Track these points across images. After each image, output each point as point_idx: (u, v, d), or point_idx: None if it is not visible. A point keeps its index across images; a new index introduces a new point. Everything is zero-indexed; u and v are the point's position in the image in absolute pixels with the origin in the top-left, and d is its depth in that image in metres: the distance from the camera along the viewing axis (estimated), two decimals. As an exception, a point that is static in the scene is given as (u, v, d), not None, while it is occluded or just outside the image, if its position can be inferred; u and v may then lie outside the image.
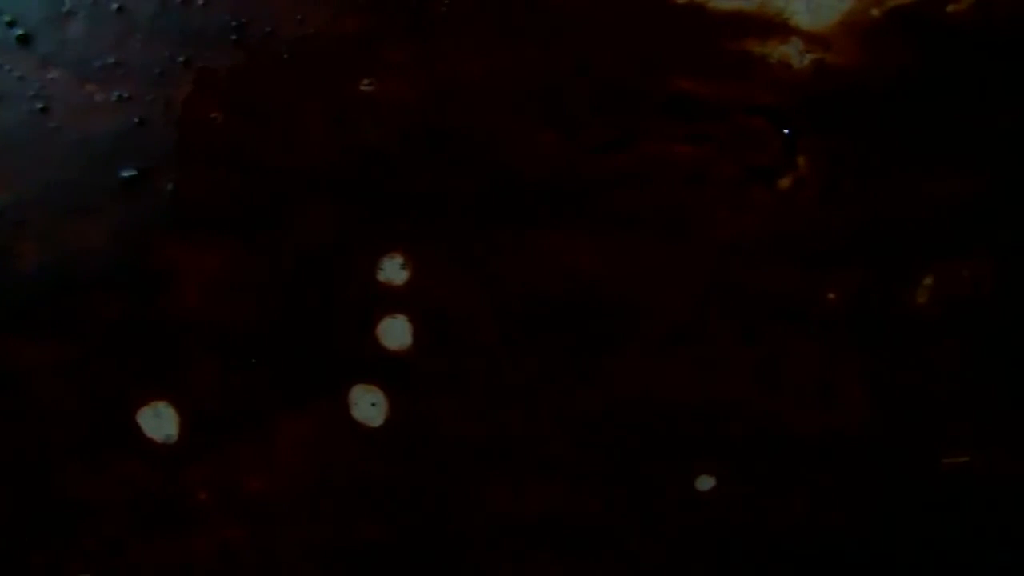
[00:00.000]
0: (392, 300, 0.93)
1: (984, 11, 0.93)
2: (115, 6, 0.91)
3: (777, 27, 0.92)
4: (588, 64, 0.91)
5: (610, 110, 0.92)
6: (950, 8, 0.93)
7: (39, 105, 0.91)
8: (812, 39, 0.92)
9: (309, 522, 0.96)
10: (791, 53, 0.92)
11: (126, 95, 0.91)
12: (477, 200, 0.92)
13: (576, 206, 0.92)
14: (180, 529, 0.95)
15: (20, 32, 0.90)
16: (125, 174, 0.90)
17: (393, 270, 0.92)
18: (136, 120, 0.90)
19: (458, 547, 0.96)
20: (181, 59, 0.91)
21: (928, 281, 0.95)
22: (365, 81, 0.91)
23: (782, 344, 0.95)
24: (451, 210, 0.92)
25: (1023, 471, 0.99)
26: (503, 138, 0.92)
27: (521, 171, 0.92)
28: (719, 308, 0.94)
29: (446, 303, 0.93)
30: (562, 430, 0.94)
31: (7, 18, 0.90)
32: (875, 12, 0.93)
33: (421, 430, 0.94)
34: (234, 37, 0.91)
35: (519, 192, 0.92)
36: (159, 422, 0.93)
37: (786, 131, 0.92)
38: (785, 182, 0.93)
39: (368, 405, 0.93)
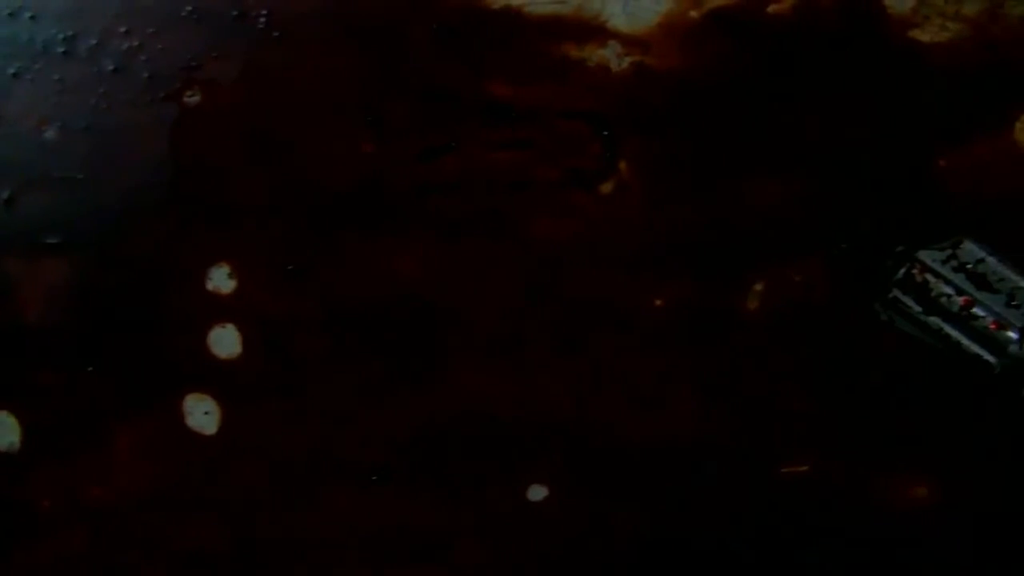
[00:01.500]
0: (221, 309, 0.92)
1: (806, 11, 0.90)
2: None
3: (595, 31, 0.89)
4: (407, 72, 0.89)
5: (429, 117, 0.90)
6: (771, 9, 0.90)
7: None
8: (630, 42, 0.89)
9: (149, 528, 0.95)
10: (609, 57, 0.89)
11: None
12: (301, 209, 0.91)
13: (398, 214, 0.90)
14: (25, 536, 0.95)
15: None
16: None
17: (221, 279, 0.91)
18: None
19: (293, 554, 0.94)
20: (11, 71, 0.91)
21: (759, 287, 0.92)
22: (188, 93, 0.90)
23: (610, 352, 0.92)
24: (276, 219, 0.91)
25: (862, 480, 0.95)
26: (325, 148, 0.90)
27: (343, 179, 0.90)
28: (543, 316, 0.91)
29: (274, 311, 0.92)
30: (392, 437, 0.93)
31: None
32: (694, 14, 0.90)
33: (253, 438, 0.93)
34: (62, 50, 0.91)
35: (342, 200, 0.90)
36: (1, 431, 0.93)
37: (606, 135, 0.90)
38: (607, 187, 0.90)
39: (202, 413, 0.92)
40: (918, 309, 0.86)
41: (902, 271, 0.85)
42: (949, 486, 0.93)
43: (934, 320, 0.86)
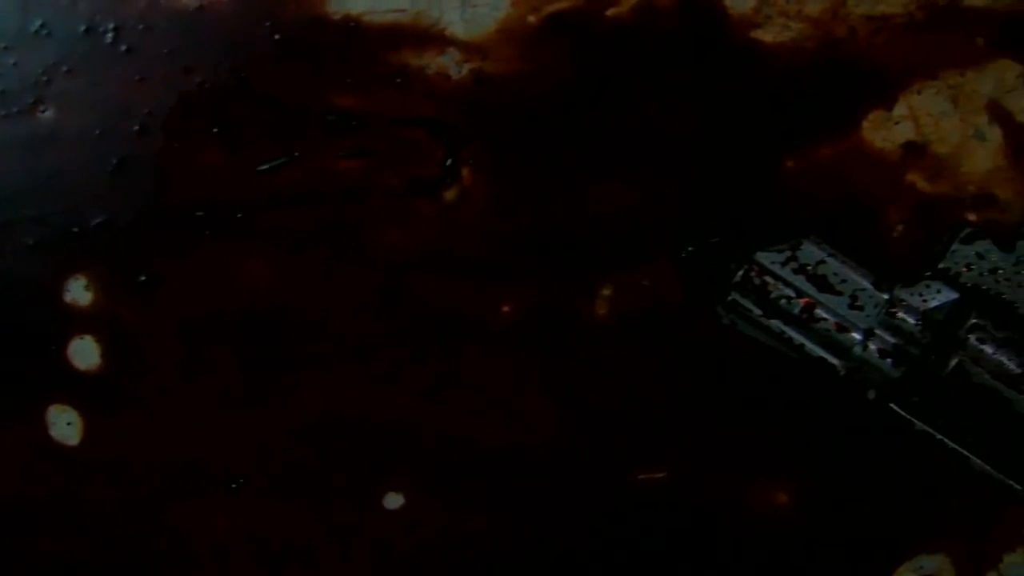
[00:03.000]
0: (79, 321, 0.91)
1: (645, 14, 0.87)
2: None
3: (433, 38, 0.88)
4: (251, 83, 0.88)
5: (274, 128, 0.89)
6: (610, 12, 0.87)
7: None
8: (469, 49, 0.88)
9: (16, 540, 0.94)
10: (448, 64, 0.88)
11: None
12: (155, 221, 0.90)
13: (247, 224, 0.89)
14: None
15: None
16: None
17: (78, 291, 0.90)
18: None
19: (157, 565, 0.93)
20: None
21: (607, 291, 0.89)
22: (41, 108, 0.89)
23: (460, 360, 0.90)
24: (130, 231, 0.90)
25: (721, 487, 0.92)
26: (174, 159, 0.89)
27: (193, 191, 0.89)
28: (393, 324, 0.90)
29: (129, 322, 0.91)
30: (248, 447, 0.91)
31: None
32: (532, 19, 0.88)
33: (115, 449, 0.92)
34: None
35: (193, 212, 0.89)
36: None
37: (448, 142, 0.88)
38: (450, 194, 0.88)
39: (64, 424, 0.91)
40: (758, 312, 0.83)
41: (740, 273, 0.82)
42: (808, 492, 0.90)
43: (775, 323, 0.83)
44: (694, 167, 0.88)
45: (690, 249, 0.87)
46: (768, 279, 0.83)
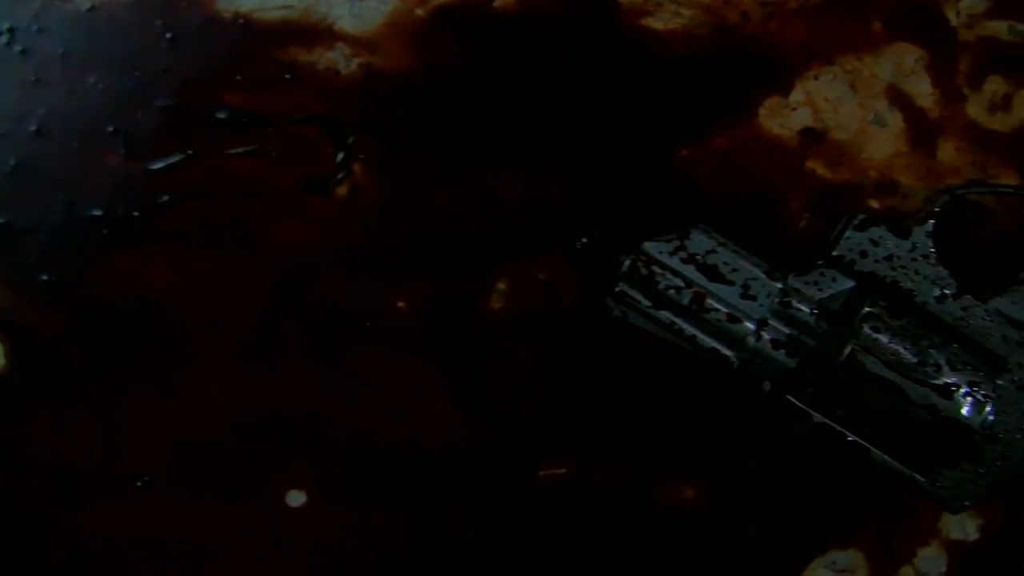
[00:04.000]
0: (-15, 323, 0.90)
1: (533, 5, 0.85)
2: None
3: (322, 34, 0.86)
4: (148, 85, 0.87)
5: (169, 127, 0.87)
6: (497, 3, 0.85)
7: None
8: (358, 43, 0.86)
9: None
10: (338, 59, 0.86)
11: None
12: (58, 224, 0.89)
13: (145, 225, 0.88)
14: None
15: None
16: None
17: (-17, 294, 0.89)
18: None
19: (63, 566, 0.92)
20: None
21: (502, 286, 0.87)
22: (-57, 112, 0.89)
23: (357, 356, 0.88)
24: (33, 234, 0.89)
25: (624, 481, 0.89)
26: (71, 160, 0.88)
27: (91, 191, 0.88)
28: (291, 322, 0.88)
29: (35, 323, 0.90)
30: (152, 445, 0.90)
31: None
32: (420, 12, 0.86)
33: (22, 449, 0.91)
34: None
35: (93, 214, 0.88)
36: None
37: (339, 138, 0.86)
38: (343, 190, 0.86)
39: (-25, 425, 0.90)
40: (647, 303, 0.80)
41: (627, 264, 0.79)
42: (716, 487, 0.87)
43: (665, 314, 0.80)
44: (587, 158, 0.85)
45: (584, 241, 0.84)
46: (656, 269, 0.80)
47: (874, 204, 0.85)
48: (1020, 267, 0.83)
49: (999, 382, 0.81)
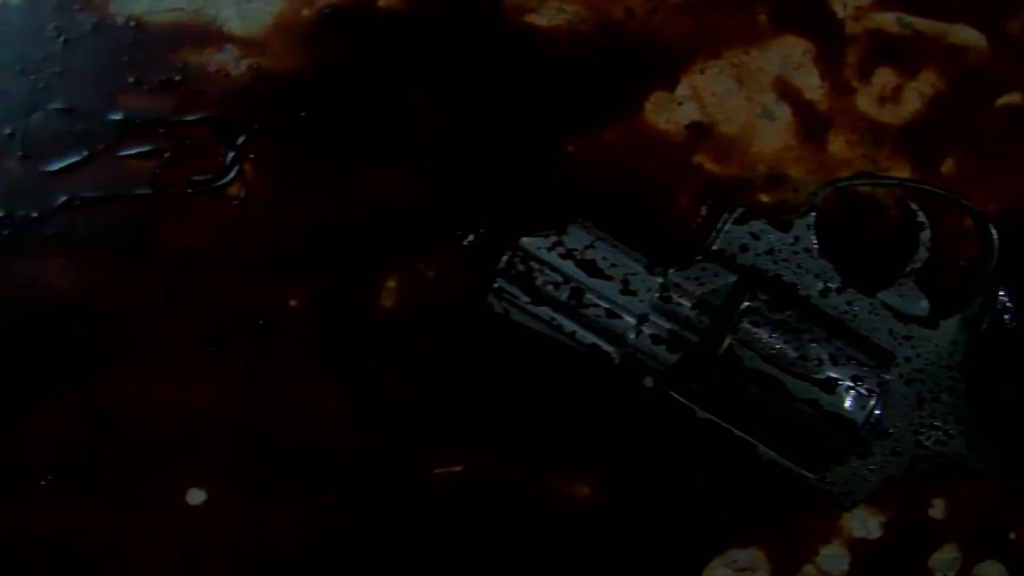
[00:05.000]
0: None
1: (418, 3, 0.85)
2: None
3: (212, 35, 0.86)
4: (43, 87, 0.87)
5: (65, 129, 0.88)
6: (382, 3, 0.85)
7: None
8: (247, 45, 0.86)
9: None
10: (227, 60, 0.86)
11: None
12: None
13: (45, 228, 0.88)
14: None
15: None
16: None
17: None
18: None
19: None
20: None
21: (392, 283, 0.87)
22: None
23: (253, 355, 0.88)
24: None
25: (519, 479, 0.88)
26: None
27: (-7, 198, 0.88)
28: (186, 322, 0.88)
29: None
30: (55, 444, 0.90)
31: None
32: (306, 12, 0.85)
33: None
34: None
35: (-5, 218, 0.88)
36: None
37: (230, 139, 0.86)
38: (234, 190, 0.86)
39: None
40: (526, 299, 0.79)
41: (504, 260, 0.78)
42: (611, 485, 0.86)
43: (544, 310, 0.79)
44: (475, 155, 0.84)
45: (471, 238, 0.83)
46: (533, 265, 0.79)
47: (764, 198, 0.84)
48: (908, 260, 0.81)
49: (886, 376, 0.78)
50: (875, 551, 0.88)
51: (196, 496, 0.87)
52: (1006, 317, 0.80)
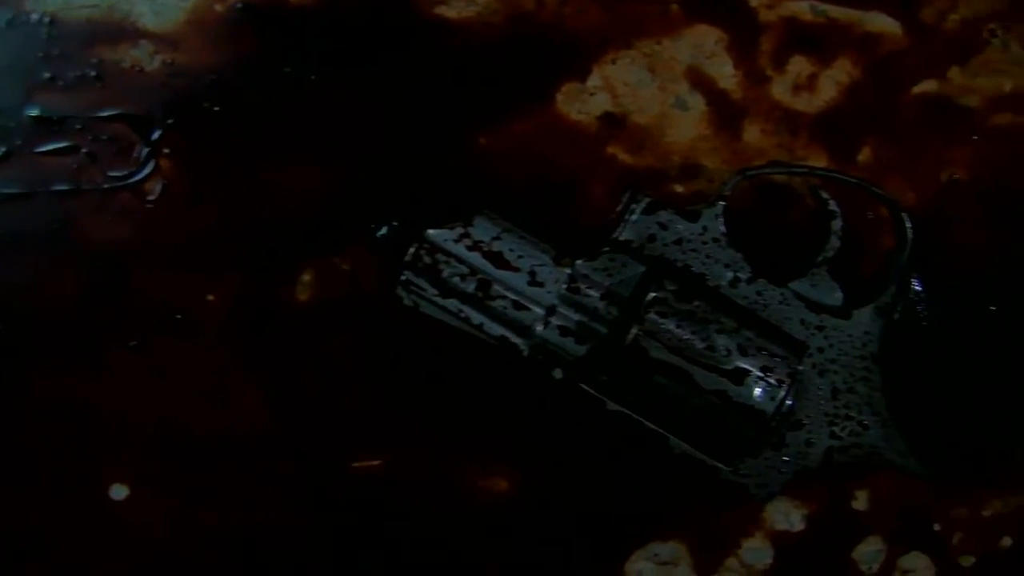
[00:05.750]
0: None
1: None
2: None
3: (126, 31, 0.85)
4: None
5: (-15, 129, 0.87)
6: (294, -2, 0.84)
7: None
8: (161, 40, 0.85)
9: None
10: (142, 56, 0.85)
11: None
12: None
13: (-38, 224, 0.87)
14: None
15: None
16: None
17: None
18: None
19: None
20: None
21: (307, 277, 0.86)
22: None
23: (173, 350, 0.87)
24: None
25: (434, 473, 0.87)
26: None
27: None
28: (106, 317, 0.87)
29: None
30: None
31: None
32: (219, 8, 0.85)
33: None
34: None
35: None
36: None
37: (145, 136, 0.86)
38: (151, 186, 0.86)
39: None
40: (433, 291, 0.78)
41: (410, 252, 0.78)
42: (529, 479, 0.85)
43: (452, 303, 0.78)
44: (389, 148, 0.83)
45: (383, 231, 0.83)
46: (440, 257, 0.78)
47: (679, 188, 0.82)
48: (820, 249, 0.79)
49: (798, 367, 0.77)
50: (798, 544, 0.87)
51: (119, 491, 0.86)
52: (919, 307, 0.79)
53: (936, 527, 0.86)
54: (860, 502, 0.86)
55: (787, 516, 0.86)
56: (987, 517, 0.87)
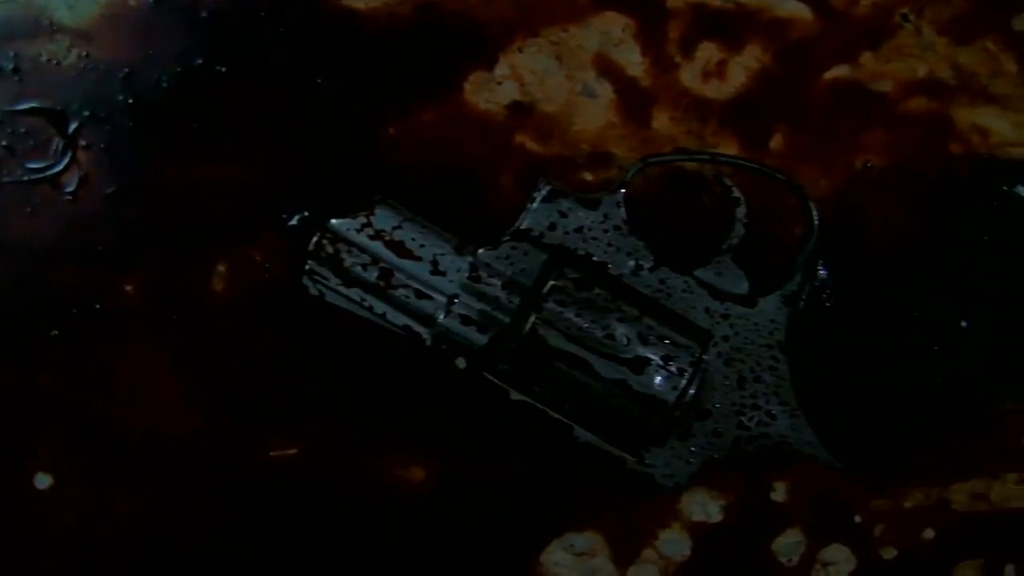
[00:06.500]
0: None
1: (240, -9, 0.84)
2: None
3: (43, 26, 0.86)
4: None
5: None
6: (208, -8, 0.84)
7: None
8: (76, 35, 0.86)
9: None
10: (58, 51, 0.86)
11: None
12: None
13: None
14: None
15: None
16: None
17: None
18: None
19: None
20: None
21: (222, 268, 0.86)
22: None
23: (92, 340, 0.88)
24: None
25: (350, 463, 0.87)
26: None
27: None
28: (26, 308, 0.88)
29: None
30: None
31: None
32: (133, 3, 0.85)
33: None
34: None
35: None
36: None
37: (63, 130, 0.86)
38: (68, 178, 0.86)
39: None
40: (337, 281, 0.78)
41: (313, 242, 0.78)
42: (445, 469, 0.85)
43: (355, 292, 0.78)
44: (298, 138, 0.83)
45: (295, 221, 0.83)
46: (342, 247, 0.78)
47: (588, 177, 0.82)
48: (726, 237, 0.78)
49: (701, 356, 0.76)
50: (716, 535, 0.85)
51: (43, 480, 0.87)
52: (825, 294, 0.77)
53: (857, 519, 0.85)
54: (779, 493, 0.84)
55: (704, 507, 0.84)
56: (909, 509, 0.85)
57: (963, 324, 0.75)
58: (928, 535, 0.85)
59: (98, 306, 0.84)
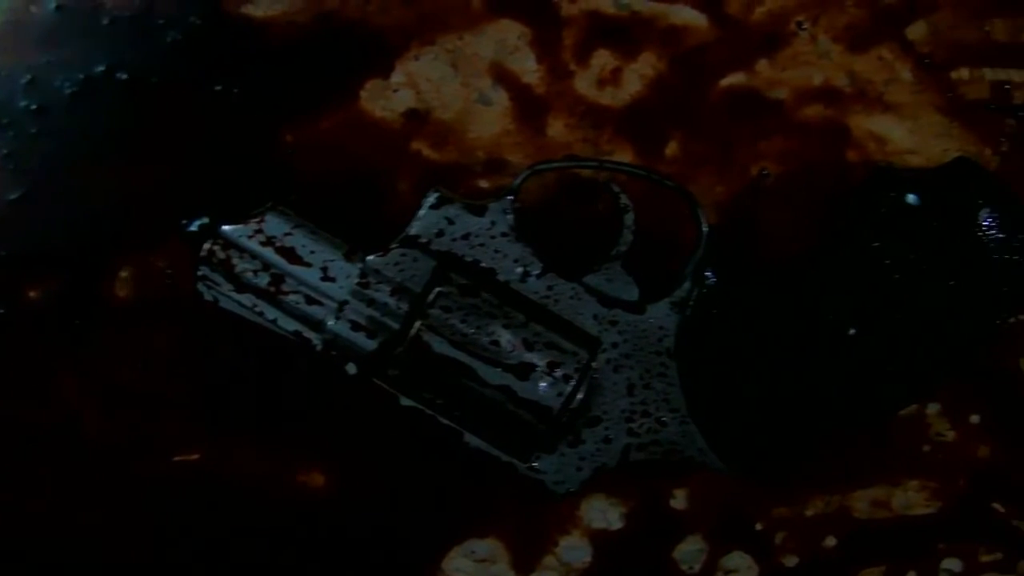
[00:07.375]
0: None
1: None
2: None
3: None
4: None
5: None
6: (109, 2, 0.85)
7: None
8: (-22, 42, 0.86)
9: None
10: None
11: None
12: None
13: None
14: None
15: None
16: None
17: None
18: None
19: None
20: None
21: (125, 274, 0.86)
22: None
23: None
24: None
25: (252, 467, 0.87)
26: None
27: None
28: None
29: None
30: None
31: None
32: (34, 9, 0.86)
33: None
34: None
35: None
36: None
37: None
38: (-23, 183, 0.87)
39: None
40: (229, 287, 0.78)
41: (205, 248, 0.78)
42: (345, 474, 0.85)
43: (247, 297, 0.78)
44: (198, 145, 0.83)
45: (194, 227, 0.83)
46: (233, 253, 0.78)
47: (484, 184, 0.81)
48: (615, 243, 0.78)
49: (588, 363, 0.76)
50: (617, 542, 0.85)
51: (-46, 484, 0.86)
52: (714, 301, 0.77)
53: (758, 526, 0.84)
54: (679, 501, 0.84)
55: (604, 514, 0.84)
56: (810, 517, 0.84)
57: (851, 331, 0.74)
58: (830, 542, 0.84)
59: (2, 311, 0.84)
